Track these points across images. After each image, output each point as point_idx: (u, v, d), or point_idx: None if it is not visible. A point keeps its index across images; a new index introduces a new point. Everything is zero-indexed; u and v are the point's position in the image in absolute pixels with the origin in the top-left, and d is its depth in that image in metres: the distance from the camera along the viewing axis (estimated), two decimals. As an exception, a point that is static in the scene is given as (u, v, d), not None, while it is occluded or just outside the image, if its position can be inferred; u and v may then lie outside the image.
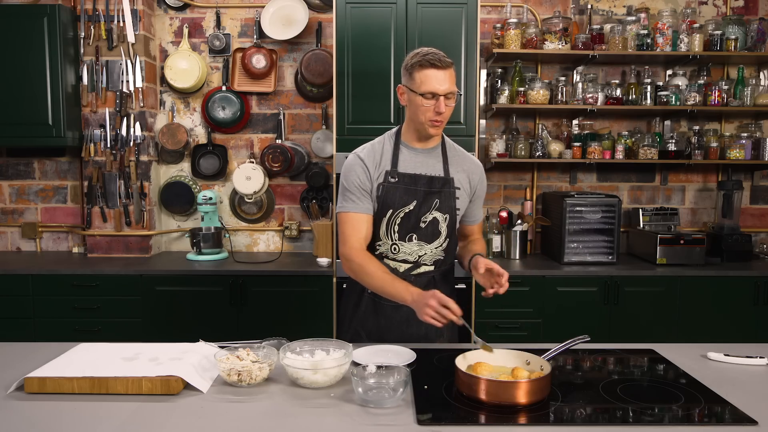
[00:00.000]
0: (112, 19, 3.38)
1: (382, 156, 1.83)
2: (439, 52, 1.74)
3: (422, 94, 1.71)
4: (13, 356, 1.65)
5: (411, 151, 1.84)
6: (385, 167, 1.82)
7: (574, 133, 3.55)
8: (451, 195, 1.84)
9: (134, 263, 3.28)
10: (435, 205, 1.82)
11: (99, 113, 3.44)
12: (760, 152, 3.47)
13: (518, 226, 3.45)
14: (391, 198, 1.80)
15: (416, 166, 1.83)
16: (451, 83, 1.73)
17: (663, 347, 1.76)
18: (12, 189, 3.69)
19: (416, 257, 1.84)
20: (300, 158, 3.62)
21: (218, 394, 1.39)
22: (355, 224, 1.80)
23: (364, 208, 1.81)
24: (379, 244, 1.85)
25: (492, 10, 3.64)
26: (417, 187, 1.81)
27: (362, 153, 1.85)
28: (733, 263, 3.36)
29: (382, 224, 1.82)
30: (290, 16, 3.50)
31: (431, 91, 1.71)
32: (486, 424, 1.25)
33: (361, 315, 1.89)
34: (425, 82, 1.71)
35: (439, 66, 1.70)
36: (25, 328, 3.12)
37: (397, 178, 1.80)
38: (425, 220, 1.82)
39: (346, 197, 1.82)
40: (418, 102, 1.73)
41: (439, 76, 1.71)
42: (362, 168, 1.81)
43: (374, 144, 1.87)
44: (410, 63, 1.75)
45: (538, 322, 3.14)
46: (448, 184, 1.84)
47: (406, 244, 1.83)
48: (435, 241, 1.85)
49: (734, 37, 3.36)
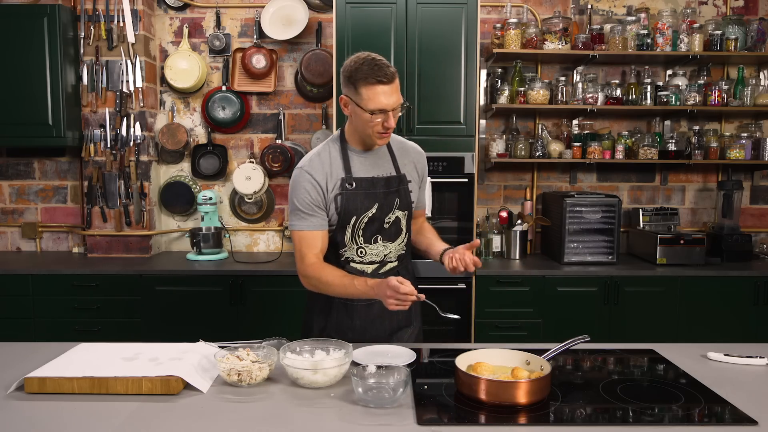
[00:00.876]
0: (112, 19, 3.38)
1: (332, 165, 1.77)
2: (382, 60, 1.66)
3: (371, 112, 1.64)
4: (13, 356, 1.65)
5: (360, 155, 1.80)
6: (339, 176, 1.76)
7: (574, 133, 3.55)
8: (407, 191, 1.85)
9: (134, 263, 3.27)
10: (396, 204, 1.82)
11: (99, 113, 3.44)
12: (760, 152, 3.47)
13: (518, 226, 3.45)
14: (353, 204, 1.76)
15: (369, 169, 1.80)
16: (398, 95, 1.66)
17: (663, 347, 1.76)
18: (12, 189, 3.69)
19: (382, 257, 1.85)
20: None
21: (218, 394, 1.39)
22: (309, 241, 1.77)
23: (318, 225, 1.76)
24: (344, 250, 1.82)
25: (492, 10, 3.64)
26: (376, 190, 1.79)
27: (308, 167, 1.76)
28: (733, 263, 3.36)
29: (347, 231, 1.79)
30: (290, 16, 3.50)
31: (380, 108, 1.63)
32: (486, 424, 1.25)
33: (335, 320, 1.87)
34: (372, 99, 1.63)
35: (386, 81, 1.62)
36: (25, 328, 3.12)
37: (355, 183, 1.76)
38: (388, 221, 1.82)
39: (297, 215, 1.76)
40: (366, 118, 1.66)
41: (386, 91, 1.63)
42: (311, 183, 1.74)
43: (320, 154, 1.79)
44: (354, 76, 1.65)
45: (538, 322, 3.13)
46: (403, 181, 1.84)
47: (372, 246, 1.82)
48: (398, 239, 1.86)
49: (734, 37, 3.36)
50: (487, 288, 3.10)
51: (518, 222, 3.47)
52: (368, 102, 1.64)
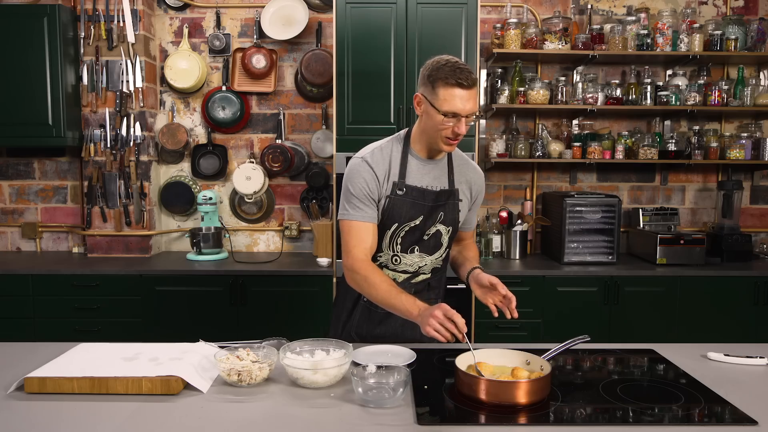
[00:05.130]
0: (112, 19, 3.38)
1: (391, 163, 1.73)
2: (466, 66, 1.61)
3: (444, 113, 1.59)
4: (13, 356, 1.65)
5: (420, 162, 1.75)
6: (394, 177, 1.72)
7: (574, 133, 3.55)
8: (455, 207, 1.79)
9: (134, 263, 3.28)
10: (439, 218, 1.76)
11: (99, 113, 3.44)
12: (760, 152, 3.47)
13: (518, 226, 3.45)
14: (398, 212, 1.72)
15: (423, 178, 1.75)
16: (474, 103, 1.61)
17: (663, 347, 1.76)
18: (12, 189, 3.69)
19: (416, 268, 1.80)
20: (300, 158, 3.62)
21: (218, 394, 1.39)
22: (360, 234, 1.70)
23: (370, 217, 1.71)
24: (380, 255, 1.79)
25: (492, 10, 3.64)
26: (425, 202, 1.73)
27: (370, 158, 1.73)
28: (733, 263, 3.36)
29: (385, 237, 1.75)
30: (290, 16, 3.50)
31: (454, 111, 1.58)
32: (486, 424, 1.25)
33: (356, 321, 1.85)
34: (449, 101, 1.58)
35: (465, 86, 1.57)
36: (25, 328, 3.12)
37: (405, 190, 1.71)
38: (428, 233, 1.77)
39: (352, 203, 1.70)
40: (438, 119, 1.61)
41: (464, 96, 1.58)
42: (371, 174, 1.70)
43: (382, 148, 1.76)
44: (434, 75, 1.60)
45: (538, 322, 3.13)
46: (453, 197, 1.78)
47: (407, 255, 1.78)
48: (436, 253, 1.81)
49: (734, 37, 3.36)
50: (487, 288, 3.09)
51: (518, 222, 3.48)
52: (443, 103, 1.59)
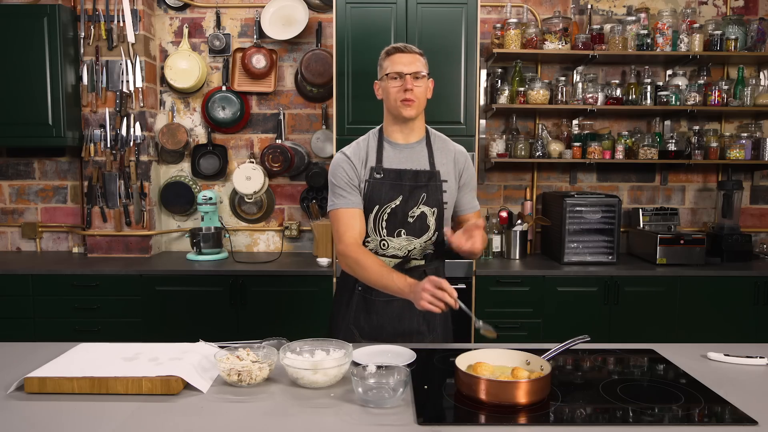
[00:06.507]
0: (112, 19, 3.38)
1: (368, 153, 1.86)
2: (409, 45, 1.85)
3: (388, 75, 1.78)
4: (13, 356, 1.65)
5: (395, 147, 1.87)
6: (371, 163, 1.85)
7: (574, 133, 3.55)
8: (438, 188, 1.85)
9: (134, 263, 3.28)
10: (422, 199, 1.83)
11: (99, 113, 3.44)
12: (760, 152, 3.47)
13: (518, 226, 3.45)
14: (377, 194, 1.82)
15: (401, 161, 1.86)
16: (417, 65, 1.79)
17: (663, 347, 1.76)
18: (12, 189, 3.69)
19: (405, 252, 1.87)
20: (300, 158, 3.62)
21: (218, 394, 1.39)
22: (347, 220, 1.82)
23: (354, 203, 1.83)
24: (368, 241, 1.87)
25: (492, 10, 3.64)
26: (402, 182, 1.83)
27: (348, 151, 1.89)
28: (733, 263, 3.36)
29: (369, 220, 1.85)
30: (290, 16, 3.50)
31: (397, 71, 1.77)
32: (486, 424, 1.25)
33: (353, 313, 1.90)
34: (391, 65, 1.79)
35: (403, 51, 1.80)
36: (25, 328, 3.12)
37: (383, 173, 1.83)
38: (413, 215, 1.84)
39: (336, 193, 1.84)
40: (388, 86, 1.79)
41: (404, 59, 1.78)
42: (349, 164, 1.84)
43: (359, 142, 1.91)
44: (381, 57, 1.85)
45: (538, 322, 3.13)
46: (435, 178, 1.85)
47: (394, 239, 1.85)
48: (424, 236, 1.86)
49: (734, 37, 3.36)
50: (487, 288, 3.10)
51: (518, 222, 3.48)
52: (387, 69, 1.80)
